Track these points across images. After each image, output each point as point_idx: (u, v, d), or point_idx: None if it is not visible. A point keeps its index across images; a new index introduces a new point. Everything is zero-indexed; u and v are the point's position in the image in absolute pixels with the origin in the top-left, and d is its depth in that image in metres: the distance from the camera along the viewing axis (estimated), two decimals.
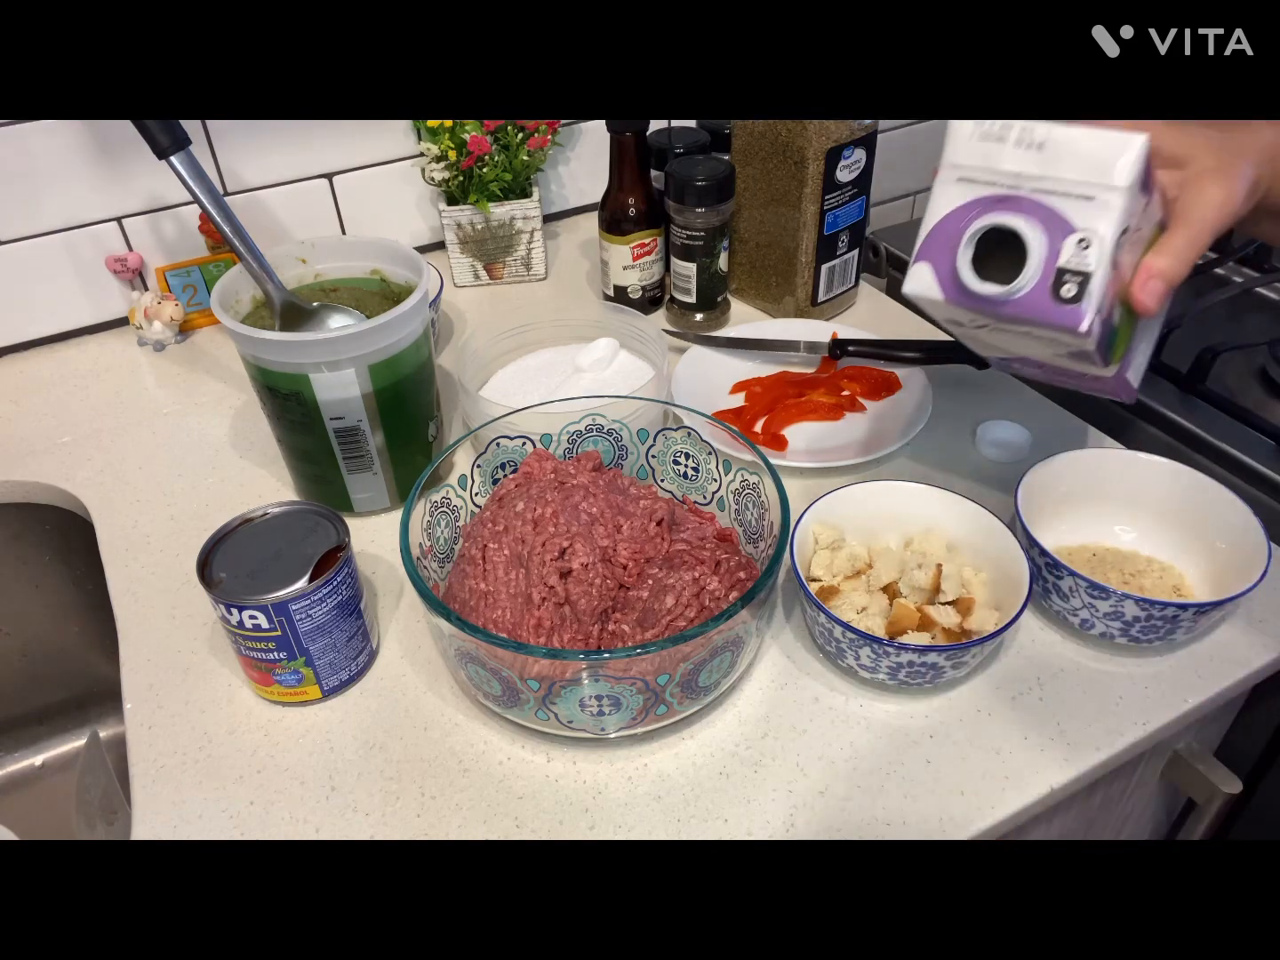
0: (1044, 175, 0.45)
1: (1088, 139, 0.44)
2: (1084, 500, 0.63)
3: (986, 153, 0.46)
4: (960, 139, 0.47)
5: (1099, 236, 0.44)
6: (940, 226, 0.47)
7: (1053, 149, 0.44)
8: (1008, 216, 0.45)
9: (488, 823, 0.50)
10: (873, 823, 0.49)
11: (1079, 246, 0.44)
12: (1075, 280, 0.45)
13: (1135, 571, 0.61)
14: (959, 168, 0.47)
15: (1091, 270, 0.44)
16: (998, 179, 0.46)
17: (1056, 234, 0.45)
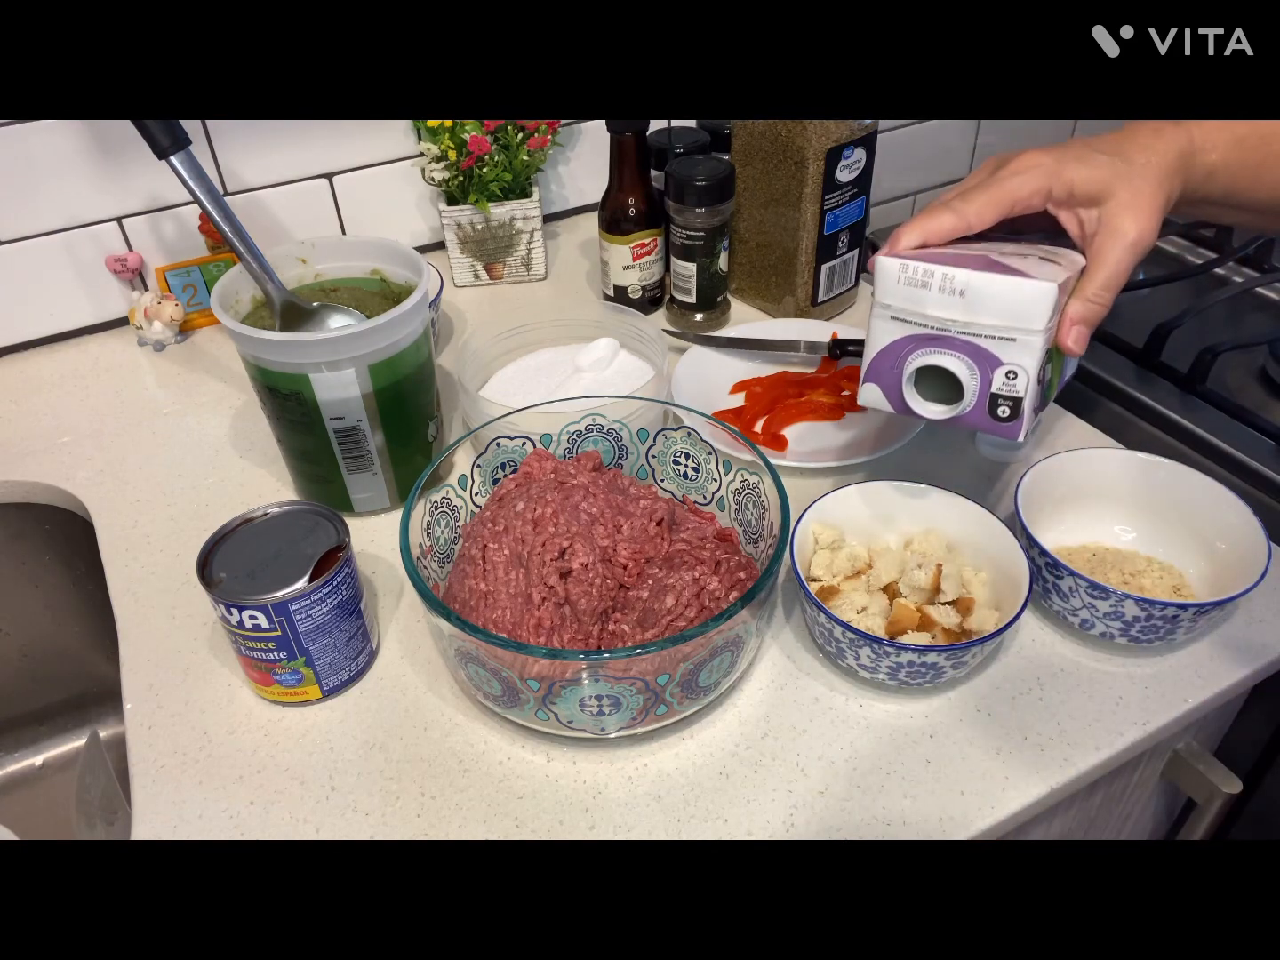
0: (969, 321, 0.50)
1: (1003, 288, 0.49)
2: (1084, 500, 0.63)
3: (912, 297, 0.51)
4: (888, 282, 0.51)
5: (1024, 369, 0.50)
6: (880, 355, 0.54)
7: (973, 296, 0.49)
8: (941, 357, 0.51)
9: (488, 823, 0.50)
10: (873, 823, 0.49)
11: (1008, 377, 0.50)
12: (1008, 404, 0.51)
13: (1135, 571, 0.61)
14: (890, 308, 0.52)
15: (1021, 395, 0.51)
16: (927, 322, 0.51)
17: (986, 367, 0.51)
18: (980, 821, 0.49)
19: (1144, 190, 0.50)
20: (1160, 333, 0.80)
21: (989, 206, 0.52)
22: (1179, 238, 1.00)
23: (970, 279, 0.49)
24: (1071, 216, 0.53)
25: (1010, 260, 0.51)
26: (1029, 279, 0.48)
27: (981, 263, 0.50)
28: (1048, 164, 0.51)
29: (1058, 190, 0.51)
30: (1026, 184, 0.51)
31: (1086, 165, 0.50)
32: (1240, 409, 0.74)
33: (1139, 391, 0.78)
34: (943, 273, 0.49)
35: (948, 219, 0.53)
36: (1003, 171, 0.52)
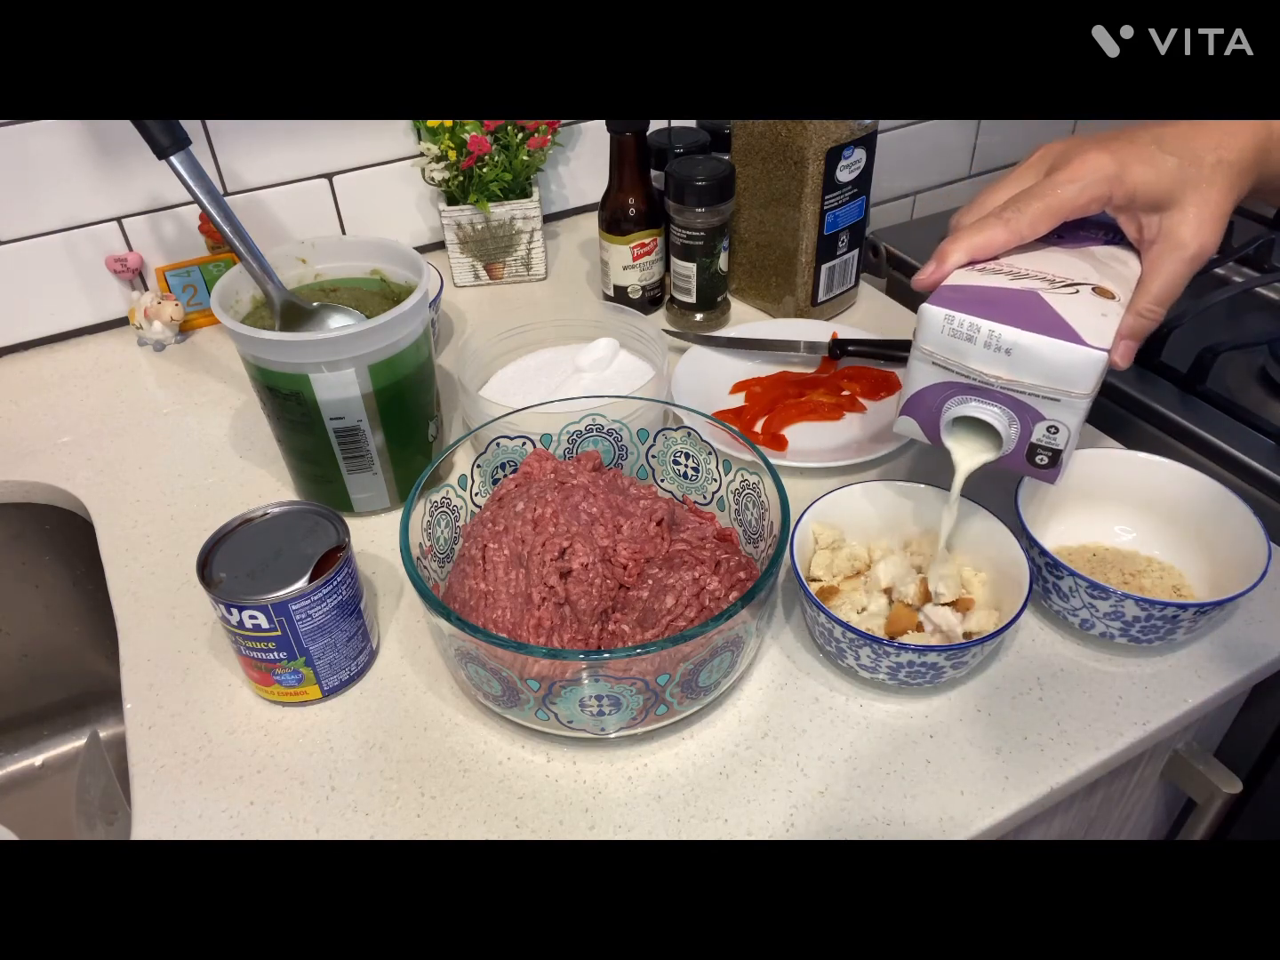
0: (1013, 379, 0.49)
1: (1051, 351, 0.47)
2: (1084, 500, 0.63)
3: (956, 348, 0.50)
4: (932, 329, 0.50)
5: (1066, 426, 0.50)
6: (919, 395, 0.53)
7: (1019, 355, 0.48)
8: (982, 409, 0.51)
9: (488, 823, 0.50)
10: (873, 823, 0.49)
11: (1048, 431, 0.50)
12: (1047, 454, 0.51)
13: (1135, 571, 0.61)
14: (932, 354, 0.51)
15: (1061, 448, 0.51)
16: (969, 374, 0.50)
17: (1027, 419, 0.50)
18: (980, 821, 0.49)
19: (1211, 198, 0.47)
20: (1160, 333, 0.80)
21: (1043, 218, 0.50)
22: None
23: (1018, 338, 0.47)
24: (1131, 220, 0.51)
25: (1061, 300, 0.49)
26: (1079, 345, 0.47)
27: (1030, 309, 0.48)
28: (1109, 169, 0.48)
29: (1119, 197, 0.49)
30: (1085, 192, 0.49)
31: (1152, 168, 0.48)
32: (1240, 409, 0.74)
33: (1139, 391, 0.78)
34: (990, 329, 0.48)
35: (999, 234, 0.51)
36: (1059, 176, 0.49)
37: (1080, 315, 0.48)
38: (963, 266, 0.52)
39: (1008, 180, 0.53)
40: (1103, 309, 0.49)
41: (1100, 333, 0.48)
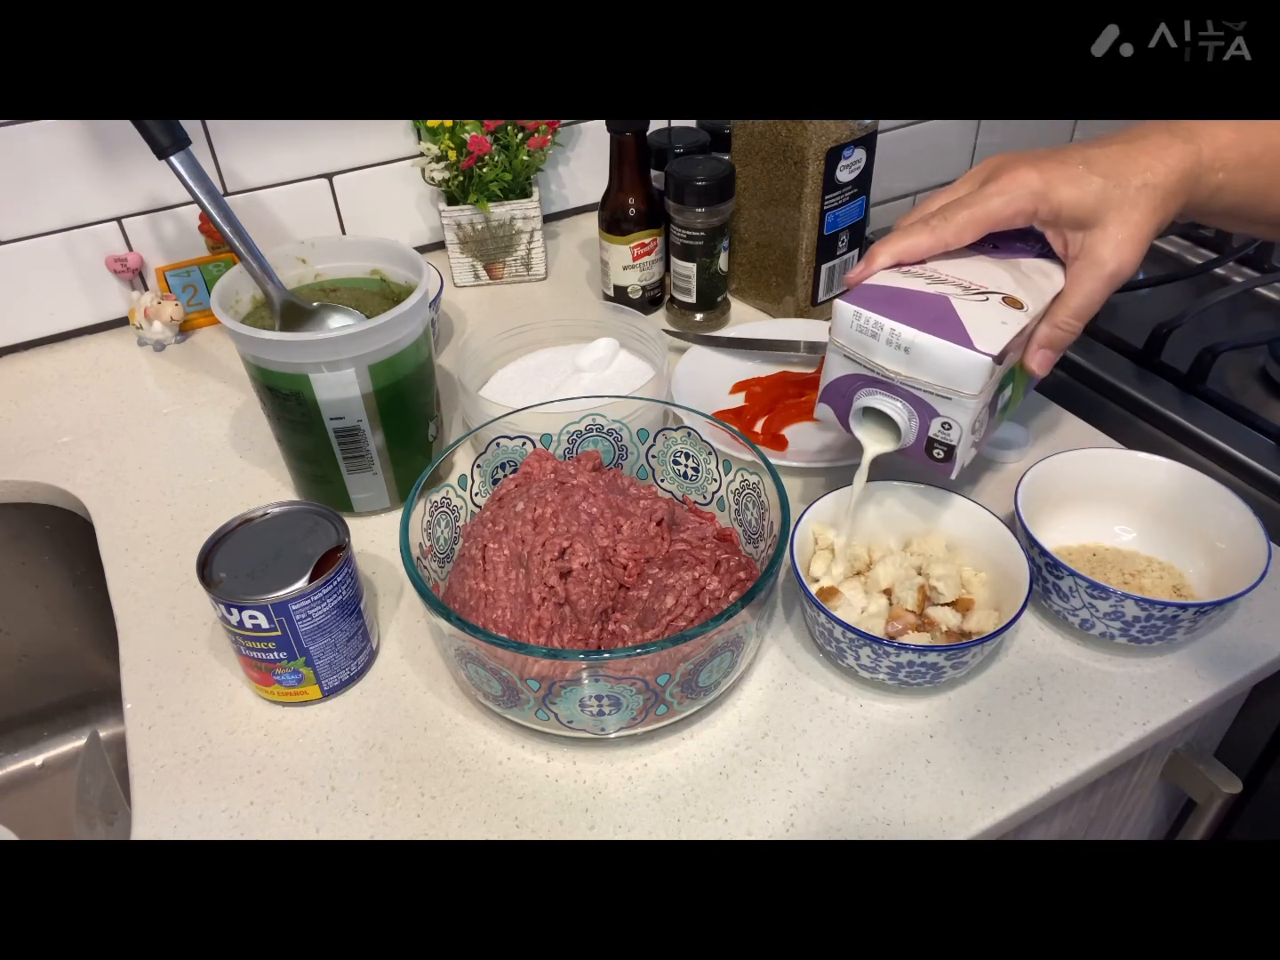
0: (910, 375, 0.52)
1: (944, 353, 0.50)
2: (1084, 500, 0.63)
3: (862, 343, 0.53)
4: (843, 323, 0.54)
5: (958, 423, 0.53)
6: (832, 384, 0.57)
7: (916, 354, 0.51)
8: (883, 402, 0.54)
9: (488, 823, 0.50)
10: (873, 823, 0.49)
11: (943, 427, 0.53)
12: (942, 449, 0.54)
13: (1135, 571, 0.61)
14: (843, 347, 0.55)
15: (954, 444, 0.54)
16: (873, 369, 0.54)
17: (925, 414, 0.54)
18: (980, 821, 0.49)
19: (1132, 219, 0.49)
20: (1160, 333, 0.80)
21: (968, 227, 0.53)
22: (1179, 238, 1.01)
23: (915, 338, 0.51)
24: (1057, 236, 0.53)
25: (968, 306, 0.52)
26: (968, 349, 0.49)
27: (935, 311, 0.51)
28: (1035, 185, 0.50)
29: (1044, 212, 0.51)
30: (1009, 205, 0.51)
31: (1077, 187, 0.50)
32: (1240, 409, 0.74)
33: (1139, 391, 0.78)
34: (891, 327, 0.51)
35: (924, 240, 0.53)
36: (990, 188, 0.52)
37: (980, 321, 0.51)
38: (889, 268, 0.55)
39: (947, 189, 0.56)
40: (1004, 317, 0.51)
41: (993, 339, 0.50)
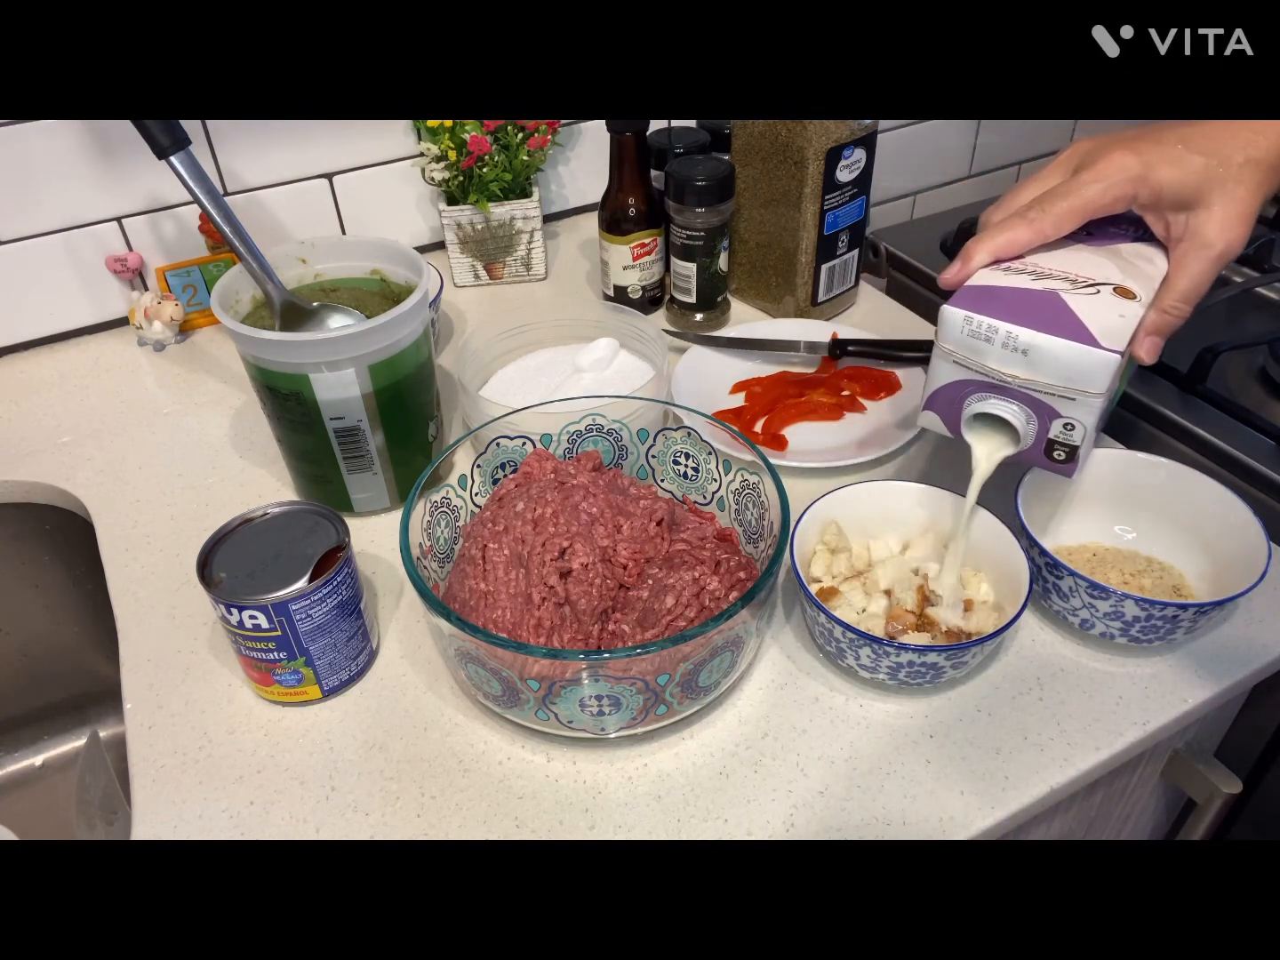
0: (1030, 378, 0.50)
1: (1066, 353, 0.48)
2: (1084, 500, 0.63)
3: (974, 348, 0.51)
4: (952, 329, 0.51)
5: (1082, 423, 0.51)
6: (940, 390, 0.55)
7: (1035, 356, 0.49)
8: (1000, 407, 0.52)
9: (488, 823, 0.50)
10: (873, 823, 0.49)
11: (1065, 428, 0.51)
12: (1064, 450, 0.52)
13: (1135, 571, 0.61)
14: (952, 353, 0.52)
15: (1078, 444, 0.52)
16: (988, 373, 0.52)
17: (1044, 416, 0.51)
18: (980, 821, 0.49)
19: (1238, 197, 0.47)
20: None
21: (1068, 218, 0.50)
22: None
23: (1034, 339, 0.49)
24: (1158, 219, 0.51)
25: (1081, 300, 0.50)
26: (1092, 347, 0.48)
27: (1048, 309, 0.49)
28: (1134, 169, 0.48)
29: (1144, 196, 0.49)
30: (1109, 192, 0.49)
31: (1179, 168, 0.48)
32: (1240, 409, 0.74)
33: (1139, 392, 0.78)
34: (1007, 330, 0.49)
35: (1023, 234, 0.51)
36: (1085, 175, 0.50)
37: (1098, 316, 0.49)
38: (987, 266, 0.53)
39: (1036, 179, 0.53)
40: (1121, 310, 0.50)
41: (1116, 334, 0.48)
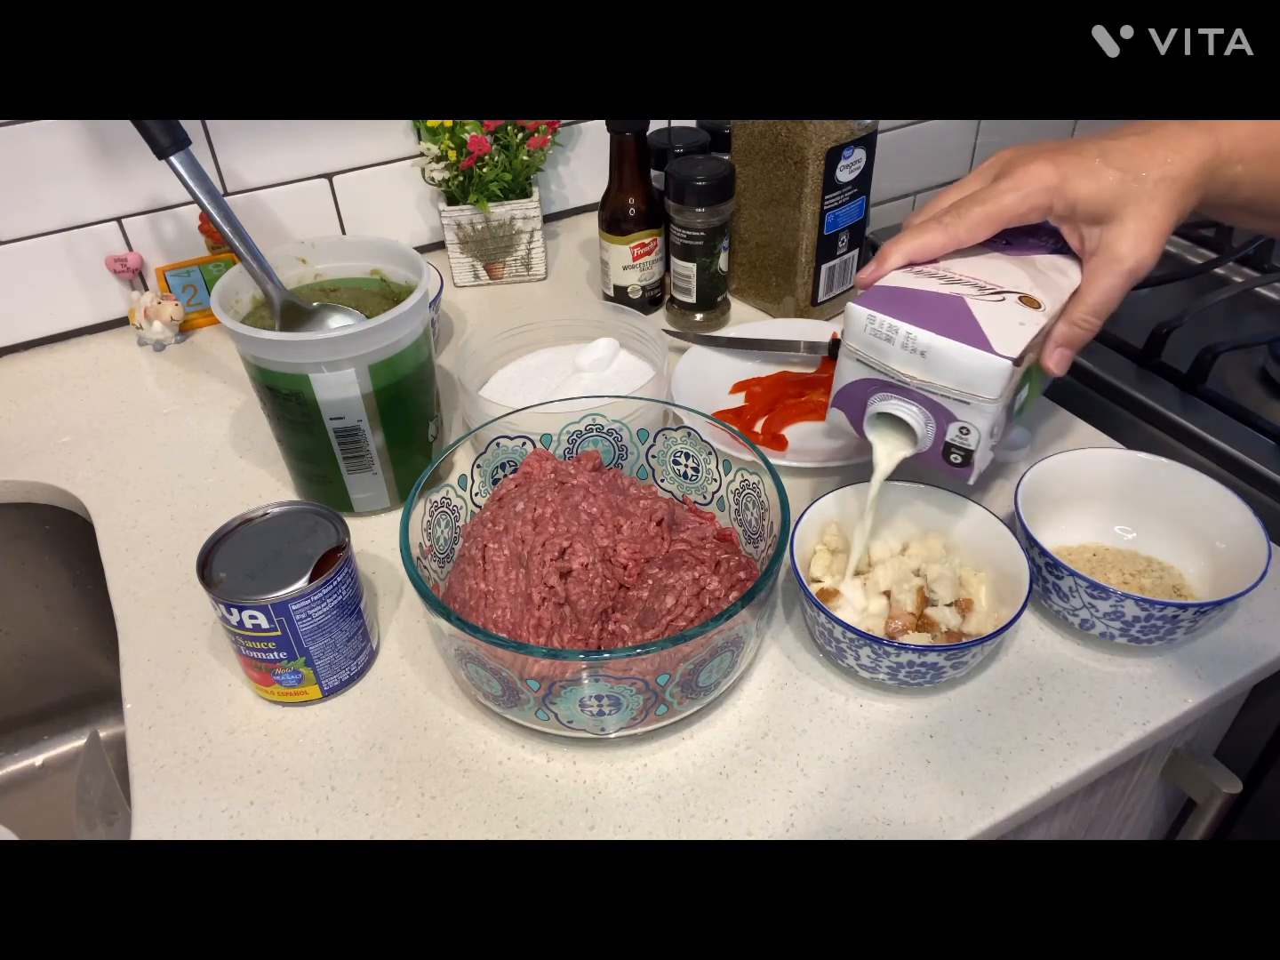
0: (927, 380, 0.51)
1: (961, 356, 0.49)
2: (1084, 500, 0.63)
3: (877, 347, 0.52)
4: (856, 327, 0.52)
5: (977, 428, 0.52)
6: (845, 389, 0.56)
7: (933, 358, 0.50)
8: (899, 407, 0.53)
9: (488, 823, 0.50)
10: (873, 823, 0.49)
11: (961, 431, 0.52)
12: (960, 453, 0.53)
13: (1135, 571, 0.61)
14: (856, 351, 0.54)
15: (973, 449, 0.53)
16: (888, 373, 0.53)
17: (942, 419, 0.52)
18: (980, 821, 0.49)
19: (1151, 213, 0.48)
20: (1160, 333, 0.80)
21: (982, 224, 0.51)
22: (1179, 237, 1.00)
23: (931, 342, 0.50)
24: (1073, 231, 0.52)
25: (985, 307, 0.51)
26: (986, 353, 0.49)
27: (951, 314, 0.50)
28: (1050, 180, 0.49)
29: (1059, 207, 0.50)
30: (1025, 202, 0.50)
31: (1094, 181, 0.48)
32: (1240, 409, 0.74)
33: (1139, 391, 0.78)
34: (906, 331, 0.50)
35: (937, 238, 0.52)
36: (1003, 184, 0.51)
37: (998, 323, 0.50)
38: (901, 268, 0.54)
39: (957, 185, 0.55)
40: (1022, 318, 0.51)
41: (1012, 342, 0.49)
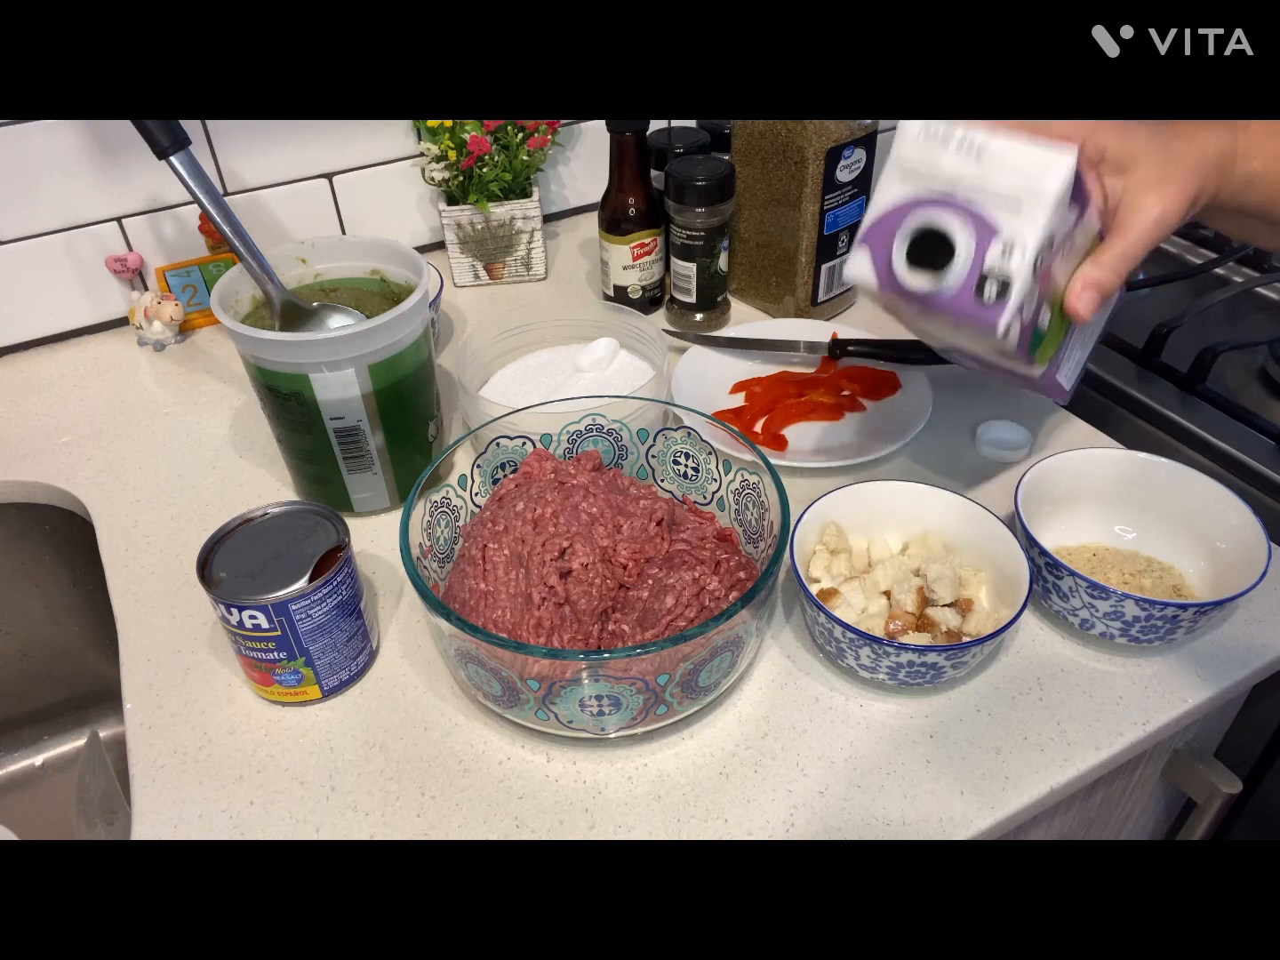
0: (978, 182, 0.47)
1: (1021, 151, 0.46)
2: (1084, 500, 0.63)
3: (929, 152, 0.48)
4: (908, 137, 0.48)
5: (1022, 244, 0.46)
6: (882, 218, 0.49)
7: (989, 157, 0.47)
8: (940, 216, 0.47)
9: (488, 823, 0.50)
10: (873, 823, 0.49)
11: (1003, 254, 0.47)
12: (996, 284, 0.47)
13: (1135, 571, 0.61)
14: (903, 161, 0.49)
15: (1012, 276, 0.47)
16: (936, 179, 0.48)
17: (984, 238, 0.47)
18: (980, 821, 0.49)
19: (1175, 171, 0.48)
20: (1160, 333, 0.80)
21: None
22: (1179, 238, 1.00)
23: (992, 137, 0.47)
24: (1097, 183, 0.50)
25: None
26: (1047, 149, 0.46)
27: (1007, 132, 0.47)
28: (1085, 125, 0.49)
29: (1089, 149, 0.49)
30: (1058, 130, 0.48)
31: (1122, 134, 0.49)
32: (1240, 409, 0.74)
33: (1139, 391, 0.78)
34: (964, 131, 0.47)
35: None
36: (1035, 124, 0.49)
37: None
38: None
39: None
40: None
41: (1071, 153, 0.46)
